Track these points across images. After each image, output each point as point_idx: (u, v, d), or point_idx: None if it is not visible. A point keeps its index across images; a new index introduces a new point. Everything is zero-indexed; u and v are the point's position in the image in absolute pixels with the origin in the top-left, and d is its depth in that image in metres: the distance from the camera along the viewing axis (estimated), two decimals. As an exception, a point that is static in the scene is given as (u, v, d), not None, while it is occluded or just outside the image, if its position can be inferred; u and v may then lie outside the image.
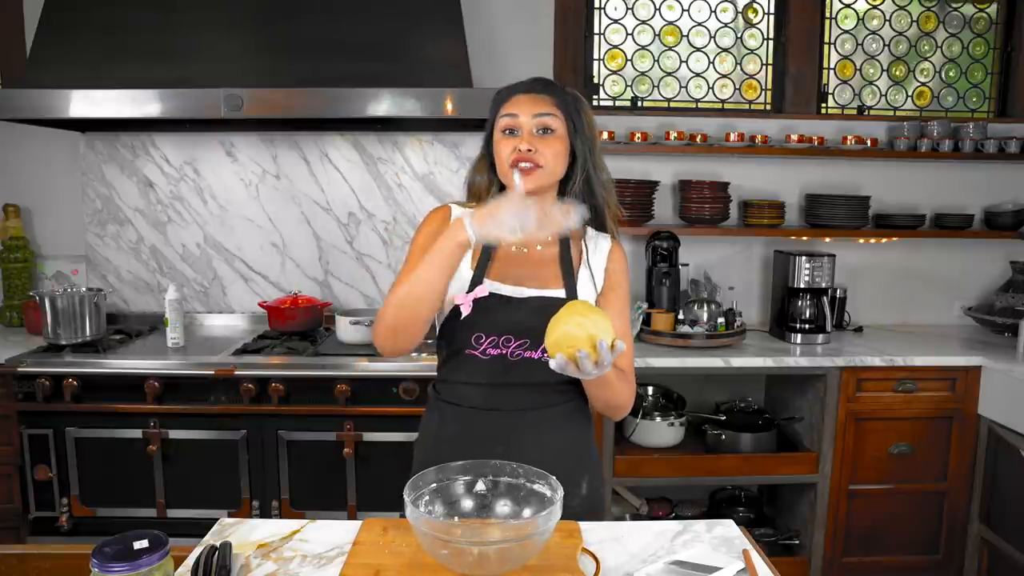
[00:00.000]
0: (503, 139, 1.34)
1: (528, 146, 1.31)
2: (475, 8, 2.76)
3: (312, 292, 2.92)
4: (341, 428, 2.31)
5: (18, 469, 2.32)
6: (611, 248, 1.44)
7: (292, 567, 1.11)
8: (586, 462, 1.43)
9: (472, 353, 1.34)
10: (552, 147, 1.33)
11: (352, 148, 2.89)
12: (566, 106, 1.36)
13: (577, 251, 1.42)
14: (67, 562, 1.17)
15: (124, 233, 2.92)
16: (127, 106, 2.32)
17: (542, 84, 1.38)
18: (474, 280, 1.35)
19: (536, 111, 1.33)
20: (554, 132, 1.34)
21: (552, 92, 1.36)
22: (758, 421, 2.65)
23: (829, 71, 3.08)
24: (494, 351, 1.33)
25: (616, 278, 1.43)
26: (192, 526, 1.53)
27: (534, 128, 1.33)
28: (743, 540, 1.22)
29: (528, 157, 1.30)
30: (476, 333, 1.33)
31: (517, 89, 1.37)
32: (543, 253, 1.41)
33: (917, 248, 3.07)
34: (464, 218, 1.21)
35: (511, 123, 1.33)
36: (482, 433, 1.35)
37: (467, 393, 1.37)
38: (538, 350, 1.32)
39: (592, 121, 1.41)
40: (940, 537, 2.63)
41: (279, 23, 2.50)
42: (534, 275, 1.38)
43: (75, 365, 2.31)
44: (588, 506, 1.39)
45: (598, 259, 1.43)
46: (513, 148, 1.31)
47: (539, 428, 1.36)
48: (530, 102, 1.34)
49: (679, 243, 2.77)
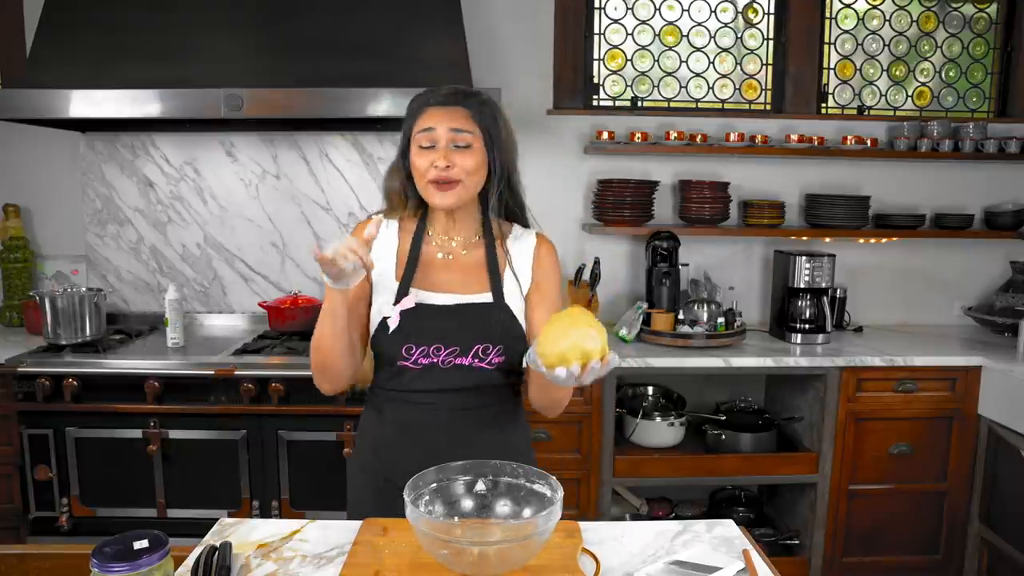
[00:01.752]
0: (420, 152, 1.32)
1: (445, 162, 1.30)
2: (475, 7, 2.76)
3: (312, 292, 2.92)
4: (341, 428, 2.31)
5: (18, 469, 2.32)
6: (536, 244, 1.44)
7: (292, 567, 1.11)
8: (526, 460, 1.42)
9: (404, 364, 1.34)
10: (469, 162, 1.32)
11: (352, 148, 2.89)
12: (482, 118, 1.33)
13: (503, 253, 1.42)
14: (67, 562, 1.17)
15: (124, 233, 2.92)
16: (127, 106, 2.32)
17: (457, 96, 1.34)
18: (400, 289, 1.35)
19: (452, 126, 1.31)
20: (470, 147, 1.32)
21: (467, 104, 1.33)
22: (758, 421, 2.65)
23: (829, 71, 3.08)
24: (425, 360, 1.33)
25: (543, 274, 1.42)
26: (192, 526, 1.53)
27: (450, 143, 1.31)
28: (743, 540, 1.22)
29: (446, 175, 1.30)
30: (406, 344, 1.33)
31: (431, 101, 1.34)
32: (468, 258, 1.41)
33: (917, 248, 3.07)
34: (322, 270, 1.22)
35: (427, 137, 1.31)
36: (419, 433, 1.35)
37: (402, 397, 1.37)
38: (468, 356, 1.33)
39: (509, 126, 1.39)
40: (940, 537, 2.63)
41: (279, 23, 2.50)
42: (461, 280, 1.38)
43: (75, 365, 2.31)
44: None
45: (523, 258, 1.42)
46: (430, 163, 1.31)
47: (476, 428, 1.36)
48: (446, 116, 1.32)
49: (679, 243, 2.77)
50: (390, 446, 1.37)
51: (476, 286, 1.38)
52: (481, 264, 1.40)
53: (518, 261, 1.42)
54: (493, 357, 1.34)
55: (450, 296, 1.36)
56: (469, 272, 1.40)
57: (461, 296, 1.36)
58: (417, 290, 1.36)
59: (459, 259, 1.41)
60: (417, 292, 1.35)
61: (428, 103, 1.34)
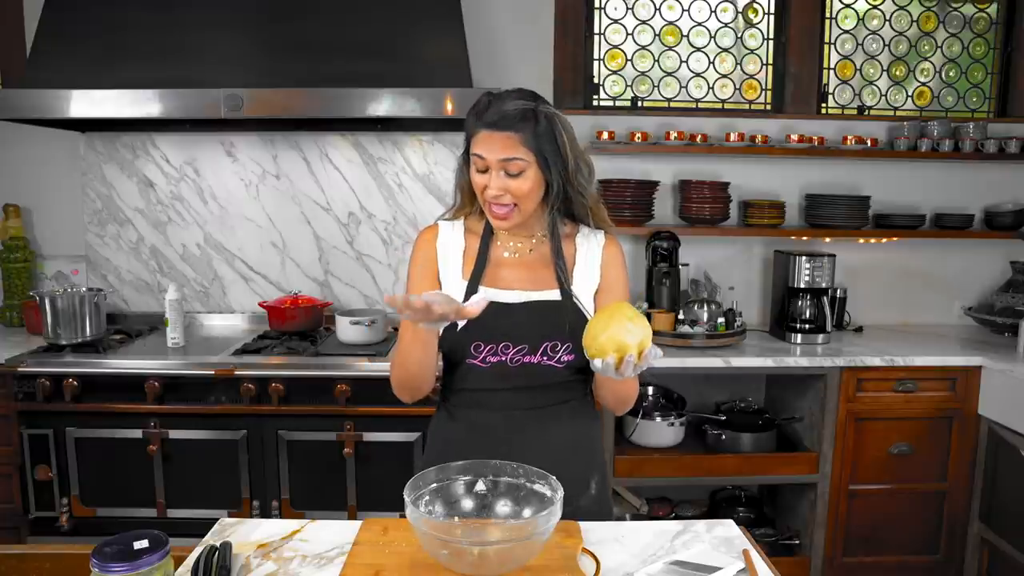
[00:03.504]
0: (476, 172, 1.31)
1: (496, 191, 1.28)
2: (475, 8, 2.76)
3: (312, 292, 2.92)
4: (341, 428, 2.31)
5: (18, 469, 2.32)
6: (605, 244, 1.43)
7: (292, 567, 1.11)
8: (595, 460, 1.44)
9: (472, 363, 1.34)
10: (523, 186, 1.29)
11: (352, 148, 2.89)
12: (537, 140, 1.27)
13: (570, 250, 1.41)
14: (67, 562, 1.17)
15: (124, 233, 2.92)
16: (127, 106, 2.33)
17: (507, 121, 1.27)
18: (469, 288, 1.35)
19: (502, 156, 1.26)
20: (523, 172, 1.28)
21: (520, 128, 1.27)
22: (758, 421, 2.65)
23: (829, 71, 3.08)
24: (494, 359, 1.33)
25: (613, 273, 1.42)
26: (192, 526, 1.53)
27: (501, 171, 1.28)
28: (743, 540, 1.22)
29: (499, 202, 1.29)
30: (475, 342, 1.33)
31: (483, 123, 1.28)
32: (535, 255, 1.40)
33: (917, 248, 3.07)
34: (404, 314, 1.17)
35: (479, 163, 1.29)
36: (489, 433, 1.35)
37: (472, 398, 1.38)
38: (537, 354, 1.33)
39: (569, 136, 1.32)
40: (940, 537, 2.63)
41: (279, 23, 2.50)
42: (528, 277, 1.38)
43: (75, 365, 2.31)
44: (597, 506, 1.39)
45: (592, 256, 1.42)
46: (484, 185, 1.30)
47: (546, 426, 1.36)
48: (496, 144, 1.27)
49: (679, 243, 2.77)
50: (460, 445, 1.36)
51: (544, 283, 1.37)
52: (548, 261, 1.39)
53: (586, 259, 1.41)
54: (563, 355, 1.33)
55: (518, 293, 1.35)
56: (536, 269, 1.39)
57: (529, 293, 1.36)
58: (485, 288, 1.35)
59: (526, 257, 1.40)
60: (486, 290, 1.35)
61: (480, 122, 1.29)
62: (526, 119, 1.28)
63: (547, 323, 1.33)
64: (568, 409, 1.39)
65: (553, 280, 1.38)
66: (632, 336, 1.10)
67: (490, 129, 1.27)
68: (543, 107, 1.30)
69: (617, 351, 1.10)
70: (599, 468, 1.44)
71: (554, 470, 1.32)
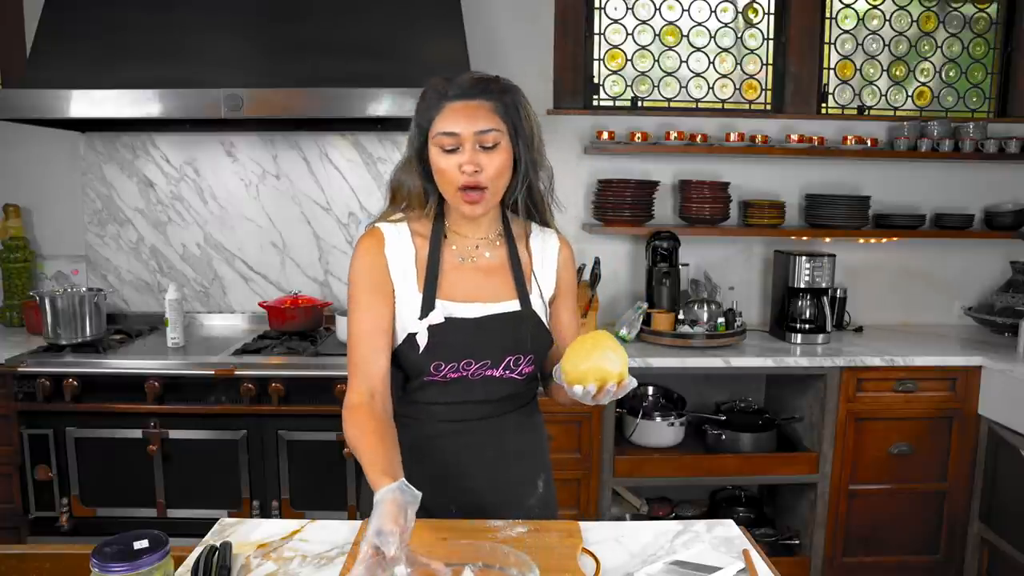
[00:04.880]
0: (442, 154, 1.22)
1: (473, 167, 1.20)
2: (475, 8, 2.76)
3: (312, 292, 2.92)
4: (341, 428, 2.30)
5: (18, 469, 2.32)
6: (560, 247, 1.39)
7: (292, 567, 1.11)
8: (542, 461, 1.43)
9: (431, 379, 1.28)
10: (497, 162, 1.22)
11: (352, 148, 2.89)
12: (506, 111, 1.23)
13: (525, 255, 1.35)
14: (67, 562, 1.17)
15: (124, 233, 2.92)
16: (127, 106, 2.32)
17: (477, 87, 1.23)
18: (425, 302, 1.26)
19: (477, 127, 1.20)
20: (497, 145, 1.22)
21: (490, 96, 1.22)
22: (758, 421, 2.65)
23: (829, 71, 3.08)
24: (455, 375, 1.27)
25: (567, 278, 1.40)
26: (192, 526, 1.53)
27: (476, 145, 1.21)
28: (743, 540, 1.22)
29: (474, 181, 1.21)
30: (435, 362, 1.25)
31: (449, 94, 1.22)
32: (491, 260, 1.33)
33: (917, 248, 3.07)
34: None
35: (451, 141, 1.20)
36: (440, 444, 1.31)
37: (426, 410, 1.32)
38: (499, 368, 1.28)
39: (530, 112, 1.27)
40: (940, 537, 2.63)
41: (279, 23, 2.50)
42: (486, 286, 1.31)
43: (75, 365, 2.31)
44: (544, 503, 1.39)
45: (548, 261, 1.37)
46: (457, 166, 1.21)
47: (498, 434, 1.33)
48: (468, 115, 1.20)
49: (679, 243, 2.77)
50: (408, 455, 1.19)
51: (502, 292, 1.31)
52: (504, 267, 1.33)
53: (542, 264, 1.36)
54: (524, 367, 1.30)
55: (477, 306, 1.28)
56: (493, 276, 1.32)
57: (489, 305, 1.29)
58: (443, 302, 1.27)
59: (481, 262, 1.32)
60: (443, 304, 1.26)
61: (446, 97, 1.22)
62: (495, 85, 1.25)
63: (509, 337, 1.28)
64: (518, 415, 1.36)
65: (511, 289, 1.31)
66: (614, 365, 1.11)
67: (461, 99, 1.21)
68: (505, 80, 1.27)
69: (598, 381, 1.11)
70: (545, 468, 1.43)
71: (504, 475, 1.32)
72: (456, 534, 1.17)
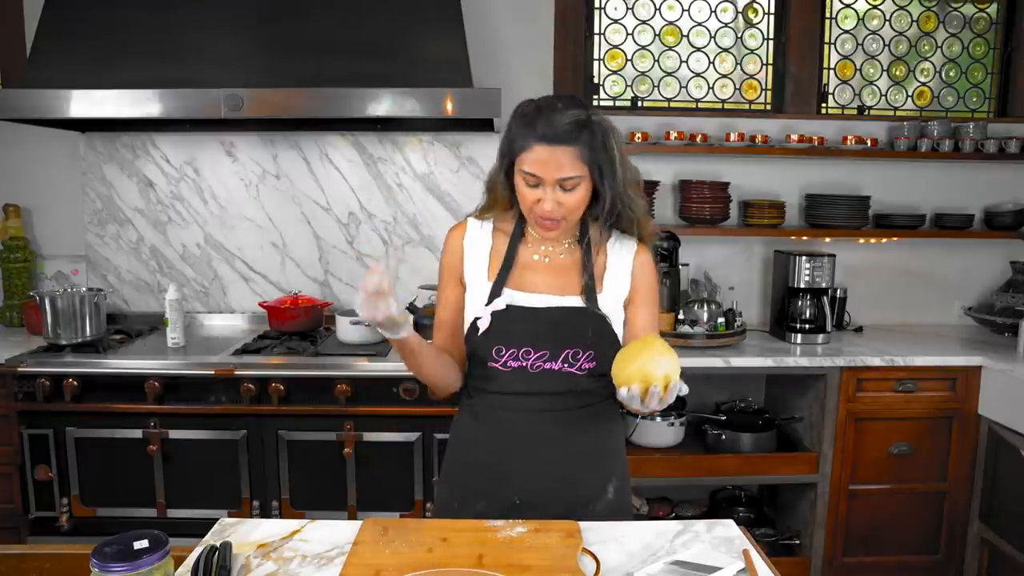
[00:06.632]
0: (524, 185, 1.28)
1: (551, 208, 1.26)
2: (475, 8, 2.76)
3: (312, 292, 2.92)
4: (341, 428, 2.31)
5: (18, 469, 2.32)
6: (637, 251, 1.41)
7: (292, 567, 1.11)
8: (614, 465, 1.42)
9: (494, 366, 1.34)
10: (575, 199, 1.28)
11: (352, 148, 2.89)
12: (592, 153, 1.25)
13: (601, 258, 1.39)
14: (67, 562, 1.17)
15: (124, 233, 2.92)
16: (127, 106, 2.32)
17: (566, 134, 1.23)
18: (493, 290, 1.35)
19: (560, 175, 1.24)
20: (577, 187, 1.27)
21: (576, 143, 1.23)
22: (758, 421, 2.65)
23: (829, 71, 3.08)
24: (515, 363, 1.33)
25: (644, 282, 1.40)
26: (192, 526, 1.52)
27: (557, 187, 1.26)
28: (743, 540, 1.22)
29: (550, 215, 1.27)
30: (496, 346, 1.33)
31: (537, 136, 1.23)
32: (565, 260, 1.38)
33: (917, 248, 3.07)
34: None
35: (533, 178, 1.26)
36: (510, 436, 1.35)
37: (494, 399, 1.37)
38: (558, 361, 1.32)
39: (618, 148, 1.30)
40: (940, 537, 2.63)
41: (279, 23, 2.50)
42: (554, 282, 1.36)
43: (75, 365, 2.31)
44: (613, 511, 1.38)
45: (623, 264, 1.39)
46: (535, 200, 1.27)
47: (566, 431, 1.35)
48: (553, 161, 1.23)
49: (679, 243, 2.77)
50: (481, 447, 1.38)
51: (568, 288, 1.35)
52: (576, 266, 1.37)
53: (616, 267, 1.39)
54: (584, 363, 1.33)
55: (541, 297, 1.34)
56: (562, 274, 1.37)
57: (551, 298, 1.34)
58: (510, 291, 1.35)
59: (555, 261, 1.38)
60: (509, 293, 1.34)
61: (535, 135, 1.24)
62: (582, 130, 1.24)
63: (569, 330, 1.32)
64: (589, 413, 1.37)
65: (577, 286, 1.36)
66: (660, 368, 1.12)
67: (547, 143, 1.23)
68: (596, 116, 1.28)
69: (642, 381, 1.12)
70: (619, 473, 1.42)
71: (572, 474, 1.33)
72: (457, 534, 1.17)
